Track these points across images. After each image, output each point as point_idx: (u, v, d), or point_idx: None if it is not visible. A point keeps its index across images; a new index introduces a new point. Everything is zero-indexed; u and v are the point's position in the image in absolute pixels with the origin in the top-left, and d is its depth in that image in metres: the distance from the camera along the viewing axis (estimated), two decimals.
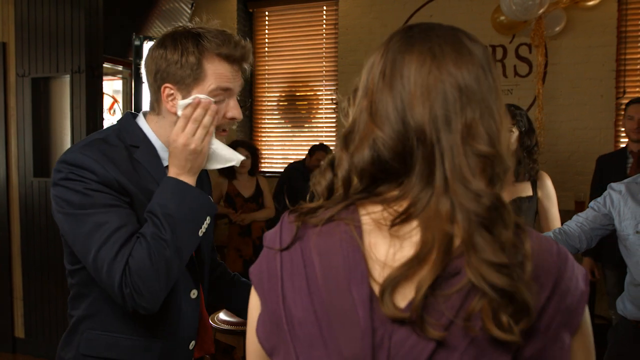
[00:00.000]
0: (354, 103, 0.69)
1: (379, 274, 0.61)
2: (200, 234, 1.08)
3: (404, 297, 0.60)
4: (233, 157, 1.14)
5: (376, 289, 0.60)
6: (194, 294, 1.16)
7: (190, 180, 1.08)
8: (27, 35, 3.26)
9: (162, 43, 1.10)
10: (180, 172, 1.07)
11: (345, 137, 0.67)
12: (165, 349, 1.11)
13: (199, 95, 1.08)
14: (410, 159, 0.63)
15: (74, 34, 3.15)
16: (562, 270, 0.61)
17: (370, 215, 0.64)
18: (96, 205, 1.00)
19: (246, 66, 1.15)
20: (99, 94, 3.32)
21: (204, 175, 1.31)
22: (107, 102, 4.47)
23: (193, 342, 1.17)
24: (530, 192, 2.28)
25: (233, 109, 1.12)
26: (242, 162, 1.20)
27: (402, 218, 0.62)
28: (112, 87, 4.73)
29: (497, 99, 0.65)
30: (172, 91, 1.09)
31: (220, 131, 1.14)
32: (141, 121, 1.16)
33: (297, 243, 0.66)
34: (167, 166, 1.13)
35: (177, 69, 1.07)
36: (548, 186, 2.30)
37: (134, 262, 0.98)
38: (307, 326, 0.62)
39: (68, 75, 3.19)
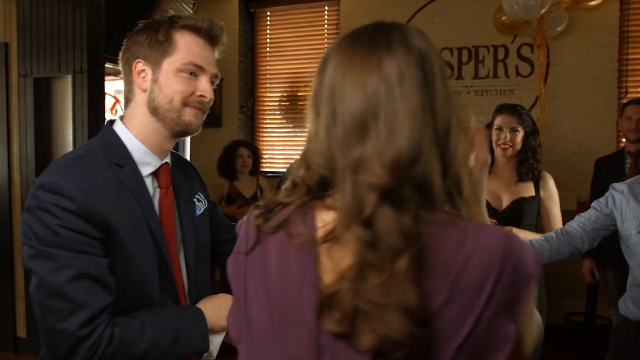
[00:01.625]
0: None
1: (325, 281, 0.63)
2: None
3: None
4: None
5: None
6: None
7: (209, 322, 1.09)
8: (29, 35, 3.27)
9: (135, 31, 1.12)
10: (210, 316, 1.08)
11: (302, 152, 0.71)
12: None
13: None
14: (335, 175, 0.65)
15: (76, 34, 3.16)
16: (508, 258, 0.58)
17: (325, 225, 0.66)
18: (63, 246, 0.92)
19: (217, 51, 1.14)
20: (101, 94, 3.32)
21: (192, 174, 1.27)
22: (109, 102, 4.47)
23: None
24: (532, 192, 2.29)
25: (203, 86, 1.09)
26: (245, 162, 1.19)
27: (329, 237, 0.64)
28: (114, 87, 4.73)
29: (407, 114, 0.61)
30: (143, 67, 1.08)
31: (195, 109, 1.09)
32: (119, 128, 1.10)
33: (258, 246, 0.69)
34: (154, 191, 1.10)
35: (146, 45, 1.07)
36: (550, 186, 2.31)
37: (125, 334, 0.94)
38: (263, 325, 0.66)
39: (70, 76, 3.19)
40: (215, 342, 1.10)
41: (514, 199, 2.29)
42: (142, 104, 1.09)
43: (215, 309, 1.10)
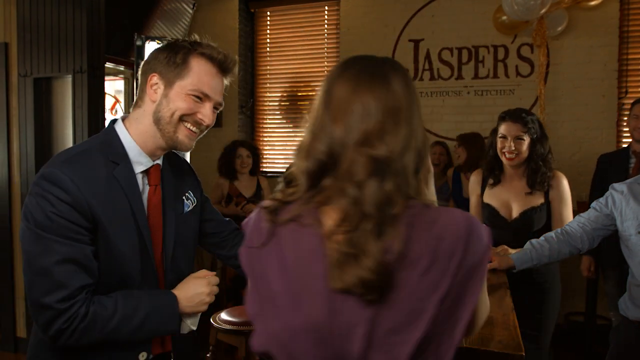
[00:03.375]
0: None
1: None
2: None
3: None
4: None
5: None
6: None
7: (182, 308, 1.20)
8: (29, 35, 3.27)
9: (158, 48, 1.25)
10: (184, 305, 1.19)
11: (299, 149, 0.87)
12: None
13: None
14: (337, 160, 0.81)
15: (76, 34, 3.15)
16: (470, 233, 0.77)
17: (331, 218, 0.81)
18: (55, 232, 1.06)
19: (227, 80, 1.28)
20: (101, 94, 3.32)
21: (185, 173, 1.39)
22: (109, 102, 4.47)
23: (144, 354, 1.20)
24: (542, 199, 2.23)
25: (206, 111, 1.21)
26: (244, 161, 1.28)
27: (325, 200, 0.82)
28: (114, 87, 4.73)
29: (399, 118, 0.81)
30: (157, 81, 1.20)
31: (189, 130, 1.21)
32: (119, 128, 1.23)
33: (273, 237, 0.85)
34: (144, 187, 1.23)
35: (165, 63, 1.20)
36: (562, 186, 2.22)
37: (99, 313, 1.08)
38: (282, 296, 0.82)
39: (70, 76, 3.19)
40: (189, 320, 1.23)
41: (524, 210, 2.22)
42: (149, 113, 1.21)
43: (189, 297, 1.21)
